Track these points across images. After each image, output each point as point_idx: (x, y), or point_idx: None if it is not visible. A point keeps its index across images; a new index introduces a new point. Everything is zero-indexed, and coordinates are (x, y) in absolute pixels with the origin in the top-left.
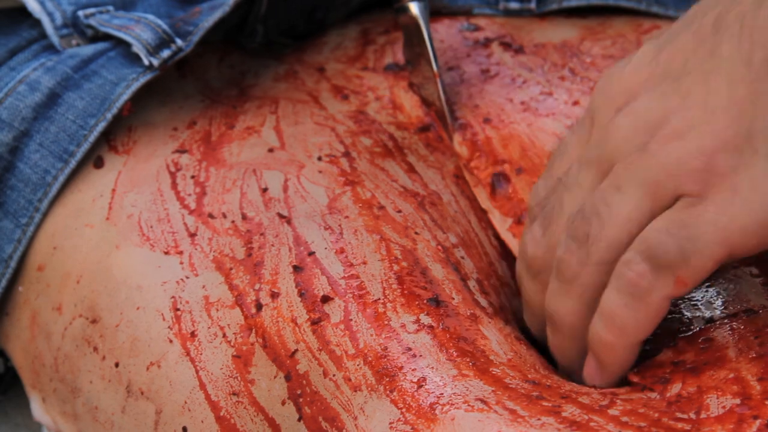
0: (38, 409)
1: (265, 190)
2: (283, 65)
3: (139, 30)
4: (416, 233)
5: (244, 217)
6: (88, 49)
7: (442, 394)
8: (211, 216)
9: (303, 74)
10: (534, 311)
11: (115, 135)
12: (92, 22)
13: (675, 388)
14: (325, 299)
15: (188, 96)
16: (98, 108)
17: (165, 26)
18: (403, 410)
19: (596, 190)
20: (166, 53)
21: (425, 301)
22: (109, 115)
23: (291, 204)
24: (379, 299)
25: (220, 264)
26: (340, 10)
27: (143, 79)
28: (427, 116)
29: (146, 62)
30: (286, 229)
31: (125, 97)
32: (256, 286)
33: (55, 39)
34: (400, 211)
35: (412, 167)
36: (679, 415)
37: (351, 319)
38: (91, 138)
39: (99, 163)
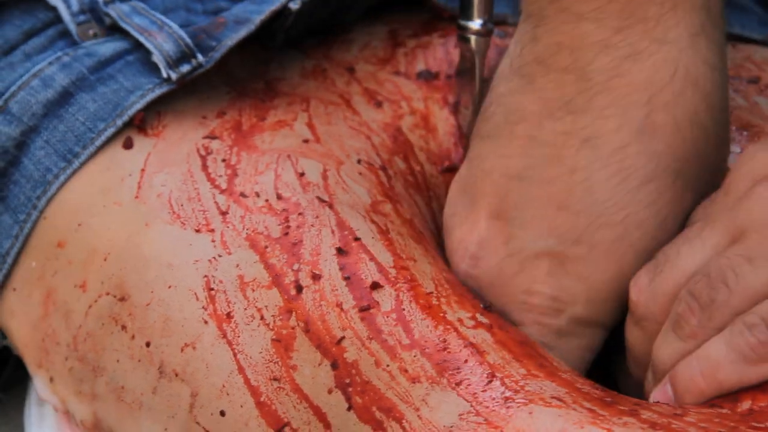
0: (44, 389)
1: (302, 174)
2: (309, 60)
3: (161, 39)
4: None
5: (279, 197)
6: (107, 48)
7: (516, 390)
8: (243, 195)
9: (332, 73)
10: (636, 356)
11: (144, 118)
12: (111, 12)
13: (745, 405)
14: (375, 286)
15: (214, 86)
16: (110, 113)
17: (187, 39)
18: (474, 404)
19: (724, 254)
20: (185, 68)
21: (480, 305)
22: (119, 122)
23: (332, 191)
24: (432, 293)
25: (254, 242)
26: (358, 10)
27: (159, 91)
28: (455, 153)
29: (165, 75)
30: (328, 212)
31: (138, 106)
32: (295, 266)
33: (71, 27)
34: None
35: (434, 215)
36: (755, 424)
37: (404, 309)
38: (98, 142)
39: (128, 144)
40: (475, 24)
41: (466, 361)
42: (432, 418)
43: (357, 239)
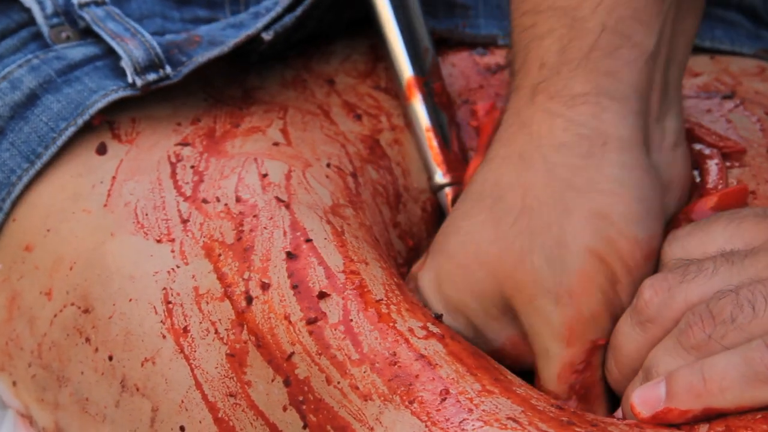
0: (6, 392)
1: (265, 175)
2: (289, 69)
3: (132, 45)
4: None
5: (238, 200)
6: (77, 53)
7: (471, 409)
8: (204, 201)
9: (312, 84)
10: (622, 359)
11: (119, 124)
12: (86, 15)
13: (703, 429)
14: (322, 295)
15: (190, 93)
16: (71, 112)
17: (158, 50)
18: (428, 423)
19: (761, 281)
20: (151, 76)
21: (431, 314)
22: (80, 121)
23: (292, 191)
24: (382, 300)
25: (210, 250)
26: (338, 27)
27: (122, 93)
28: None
29: (130, 80)
30: (283, 212)
31: (99, 105)
32: (245, 275)
33: (44, 29)
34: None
35: (400, 229)
36: None
37: (351, 320)
38: (59, 141)
39: (102, 150)
40: (440, 179)
41: (417, 376)
42: None
43: (308, 240)
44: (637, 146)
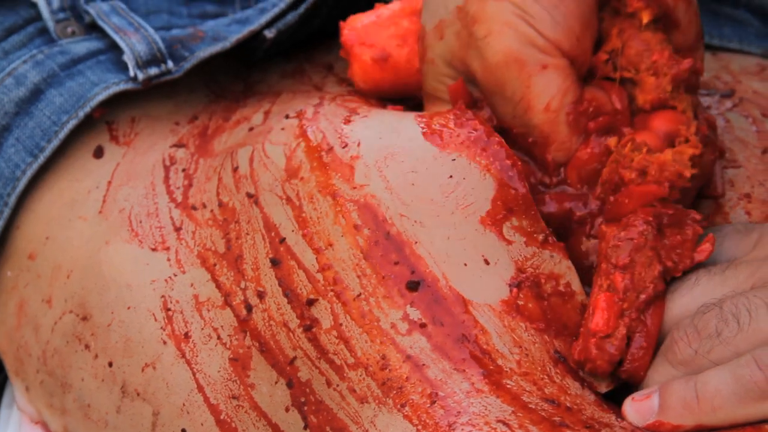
0: (21, 398)
1: (236, 169)
2: (290, 63)
3: (135, 40)
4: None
5: (220, 204)
6: (81, 47)
7: (459, 412)
8: (193, 208)
9: (310, 71)
10: None
11: (118, 125)
12: (91, 10)
13: None
14: (311, 302)
15: (193, 90)
16: (73, 105)
17: (161, 45)
18: (419, 427)
19: (744, 294)
20: (153, 71)
21: (405, 287)
22: (81, 114)
23: (256, 177)
24: (360, 294)
25: (205, 259)
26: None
27: (123, 86)
28: None
29: (132, 74)
30: (255, 211)
31: (100, 98)
32: (242, 285)
33: (50, 24)
34: (346, 146)
35: None
36: None
37: (341, 324)
38: (62, 135)
39: (99, 153)
40: None
41: (407, 378)
42: None
43: (282, 240)
44: None
